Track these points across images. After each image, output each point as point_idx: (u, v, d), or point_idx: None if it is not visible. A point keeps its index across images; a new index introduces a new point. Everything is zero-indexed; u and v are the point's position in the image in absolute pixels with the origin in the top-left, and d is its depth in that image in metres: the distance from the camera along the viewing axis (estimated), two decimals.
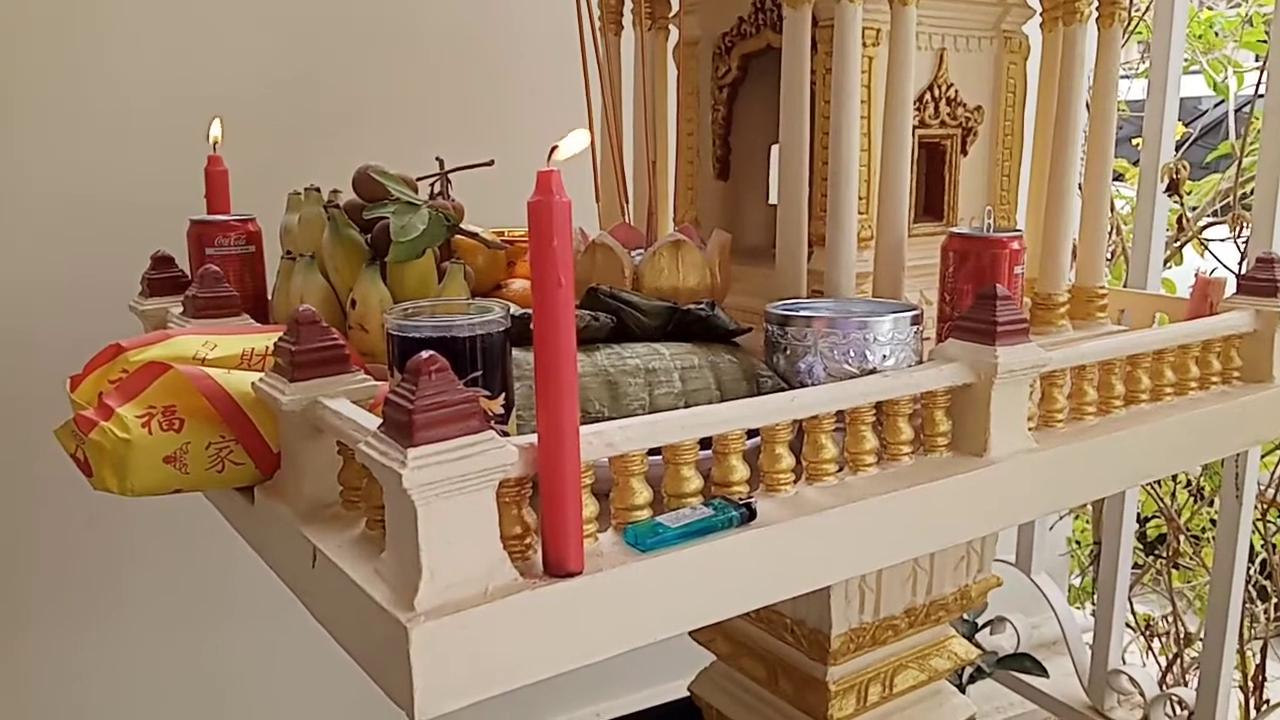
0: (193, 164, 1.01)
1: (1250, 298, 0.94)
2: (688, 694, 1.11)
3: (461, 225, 0.87)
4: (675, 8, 1.05)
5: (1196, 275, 1.00)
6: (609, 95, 0.98)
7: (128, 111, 1.25)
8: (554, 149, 0.53)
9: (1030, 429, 0.75)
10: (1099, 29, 0.98)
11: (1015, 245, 0.80)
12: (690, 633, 1.04)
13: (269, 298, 0.93)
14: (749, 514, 0.61)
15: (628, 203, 1.01)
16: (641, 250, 0.87)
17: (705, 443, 0.62)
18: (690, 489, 0.61)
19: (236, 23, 1.29)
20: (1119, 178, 1.98)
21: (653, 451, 0.60)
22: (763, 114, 0.99)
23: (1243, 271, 1.07)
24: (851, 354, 0.71)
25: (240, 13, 1.29)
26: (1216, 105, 2.12)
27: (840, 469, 0.68)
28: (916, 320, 0.73)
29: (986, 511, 0.73)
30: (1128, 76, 2.01)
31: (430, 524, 0.50)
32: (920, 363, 0.73)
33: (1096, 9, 0.96)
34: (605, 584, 0.55)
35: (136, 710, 1.38)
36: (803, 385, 0.71)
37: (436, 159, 0.93)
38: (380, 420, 0.53)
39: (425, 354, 0.51)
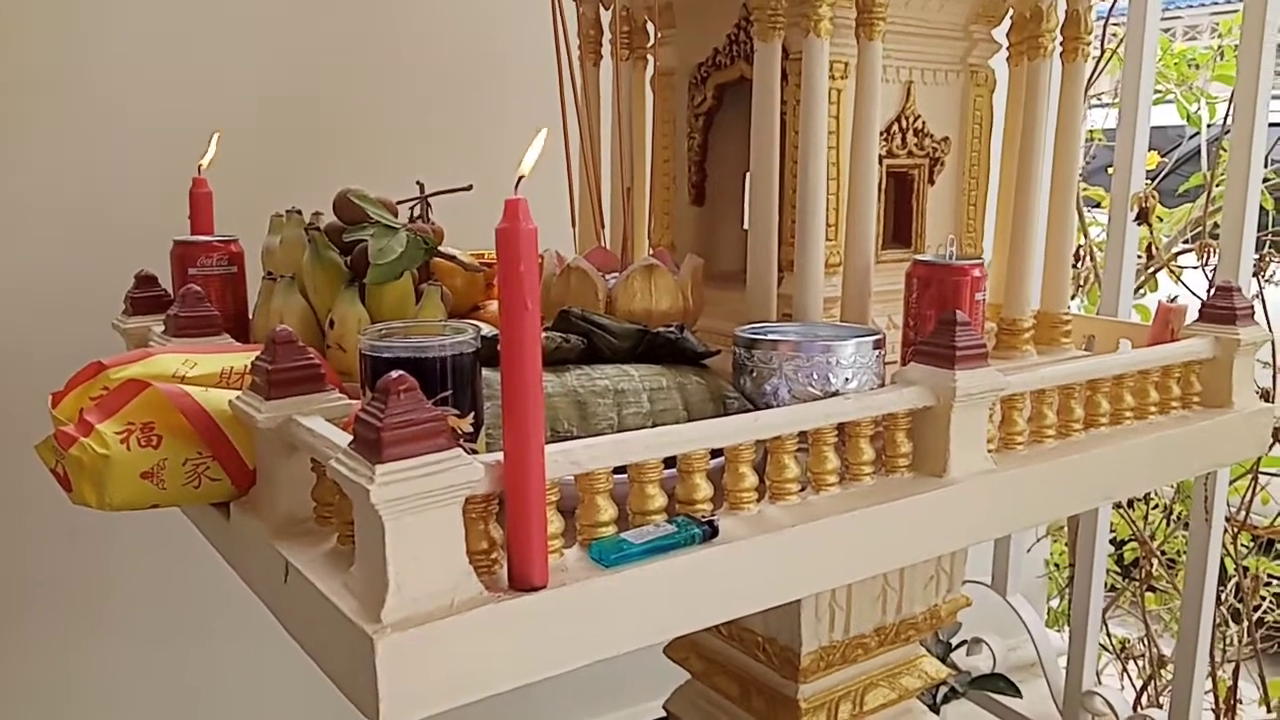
0: (177, 185, 1.03)
1: (1210, 325, 0.96)
2: (663, 712, 1.12)
3: (440, 248, 0.89)
4: (652, 39, 1.08)
5: (1159, 303, 1.02)
6: (586, 123, 1.00)
7: (113, 132, 1.26)
8: (520, 178, 0.55)
9: (990, 450, 0.77)
10: (1063, 63, 1.00)
11: (976, 273, 0.83)
12: (665, 650, 1.06)
13: (250, 317, 0.95)
14: (711, 531, 0.63)
15: (604, 227, 1.04)
16: (616, 274, 0.89)
17: (670, 461, 0.64)
18: (654, 506, 0.63)
19: (222, 46, 1.31)
20: (1095, 205, 2.02)
21: (619, 469, 0.62)
22: (737, 142, 1.01)
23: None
24: (815, 377, 0.73)
25: (227, 38, 1.31)
26: (1193, 136, 2.16)
27: (803, 488, 0.70)
28: (879, 345, 0.75)
29: (946, 530, 0.75)
30: (1103, 105, 2.05)
31: (397, 538, 0.51)
32: (883, 386, 0.76)
33: (1060, 44, 0.99)
34: (569, 598, 0.57)
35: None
36: (768, 407, 0.73)
37: (417, 183, 0.96)
38: (351, 438, 0.54)
39: (394, 374, 0.52)
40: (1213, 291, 1.00)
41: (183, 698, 1.42)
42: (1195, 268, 1.72)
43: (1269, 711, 1.76)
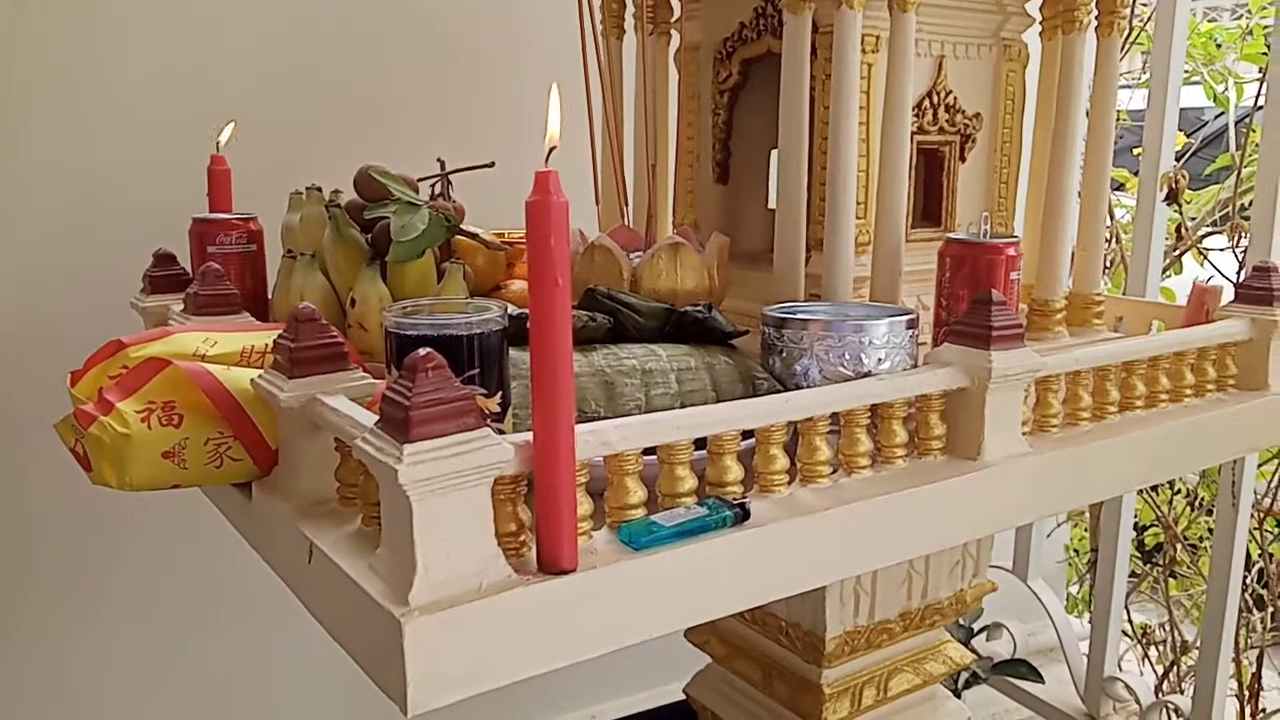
0: (196, 162, 1.02)
1: (1247, 306, 0.94)
2: (683, 696, 1.11)
3: (462, 226, 0.88)
4: (677, 13, 1.06)
5: (1194, 283, 1.00)
6: (610, 99, 0.99)
7: (130, 109, 1.25)
8: (553, 148, 0.54)
9: (1024, 433, 0.76)
10: (1098, 38, 0.98)
11: (1011, 251, 0.81)
12: (686, 635, 1.05)
13: (269, 296, 0.94)
14: (743, 514, 0.61)
15: (627, 205, 1.02)
16: (640, 253, 0.88)
17: (700, 443, 0.63)
18: (685, 489, 0.62)
19: (241, 22, 1.30)
20: (1120, 187, 1.99)
21: (648, 451, 0.60)
22: (763, 119, 0.99)
23: (1240, 280, 1.07)
24: (847, 357, 0.71)
25: (245, 12, 1.30)
26: (1218, 116, 2.13)
27: (834, 471, 0.68)
28: (912, 324, 0.74)
29: (980, 515, 0.73)
30: (1129, 86, 2.02)
31: (425, 520, 0.50)
32: (915, 367, 0.74)
33: (1095, 18, 0.97)
34: (598, 582, 0.55)
35: (131, 712, 1.38)
36: (798, 388, 0.72)
37: (438, 160, 0.94)
38: (378, 417, 0.53)
39: (422, 351, 0.51)
40: (1249, 271, 0.97)
41: (194, 686, 1.42)
42: (1224, 250, 1.69)
43: None
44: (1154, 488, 1.82)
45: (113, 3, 1.23)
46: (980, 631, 1.75)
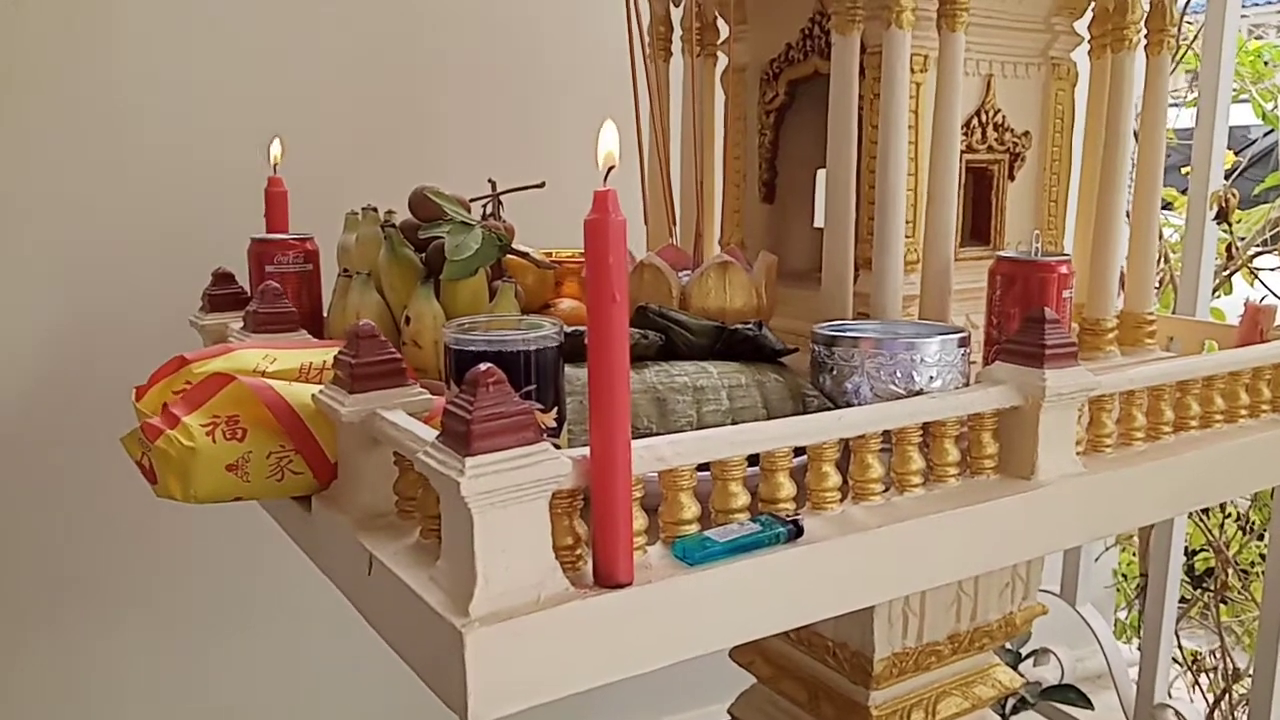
0: (253, 184, 1.04)
1: None
2: (728, 717, 1.10)
3: (512, 245, 0.89)
4: (724, 35, 1.07)
5: (1246, 303, 0.99)
6: (658, 120, 1.00)
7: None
8: (611, 167, 0.55)
9: (1078, 453, 0.75)
10: (1147, 56, 0.98)
11: (1063, 269, 0.80)
12: (731, 654, 1.05)
13: (324, 314, 0.95)
14: (796, 531, 0.61)
15: (675, 225, 1.03)
16: (688, 271, 0.89)
17: (753, 459, 0.63)
18: (738, 505, 0.62)
19: (298, 48, 1.33)
20: (1168, 206, 1.97)
21: (701, 467, 0.61)
22: (809, 139, 1.00)
23: None
24: (898, 375, 0.71)
25: (301, 38, 1.33)
26: (1266, 135, 2.10)
27: (886, 489, 0.68)
28: (964, 342, 0.73)
29: (1033, 535, 0.73)
30: (1176, 104, 2.00)
31: (486, 532, 0.51)
32: (967, 385, 0.74)
33: (1145, 36, 0.97)
34: (654, 596, 0.56)
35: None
36: (849, 405, 0.72)
37: (489, 181, 0.96)
38: (437, 431, 0.54)
39: (483, 366, 0.52)
40: None
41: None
42: (1274, 269, 1.67)
43: None
44: (1204, 511, 1.79)
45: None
46: (1028, 656, 1.73)
